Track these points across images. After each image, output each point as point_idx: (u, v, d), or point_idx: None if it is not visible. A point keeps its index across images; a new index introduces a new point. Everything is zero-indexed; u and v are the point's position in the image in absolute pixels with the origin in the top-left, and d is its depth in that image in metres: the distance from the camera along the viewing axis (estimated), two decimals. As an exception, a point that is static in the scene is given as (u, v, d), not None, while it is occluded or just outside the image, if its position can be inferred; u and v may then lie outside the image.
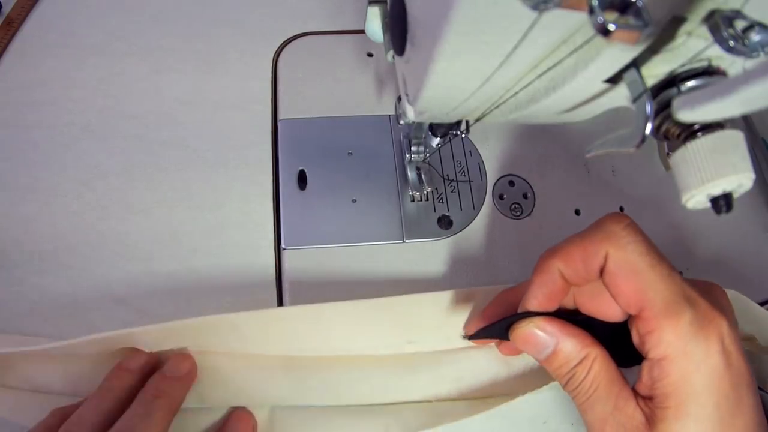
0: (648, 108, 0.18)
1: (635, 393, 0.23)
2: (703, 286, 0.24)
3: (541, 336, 0.24)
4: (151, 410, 0.26)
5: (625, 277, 0.22)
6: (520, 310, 0.25)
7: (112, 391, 0.26)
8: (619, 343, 0.24)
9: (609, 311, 0.24)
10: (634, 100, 0.18)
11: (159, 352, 0.28)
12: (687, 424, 0.21)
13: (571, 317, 0.25)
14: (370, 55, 0.40)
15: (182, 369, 0.28)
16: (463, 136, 0.29)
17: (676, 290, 0.22)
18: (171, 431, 0.26)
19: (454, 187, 0.36)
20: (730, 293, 0.28)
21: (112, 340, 0.27)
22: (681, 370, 0.21)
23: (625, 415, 0.22)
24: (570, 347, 0.24)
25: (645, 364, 0.22)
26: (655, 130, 0.19)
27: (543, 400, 0.30)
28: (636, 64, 0.18)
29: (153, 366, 0.28)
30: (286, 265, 0.33)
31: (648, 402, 0.22)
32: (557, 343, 0.24)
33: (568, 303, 0.26)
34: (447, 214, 0.35)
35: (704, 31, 0.17)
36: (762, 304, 0.33)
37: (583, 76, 0.19)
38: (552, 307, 0.25)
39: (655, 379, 0.22)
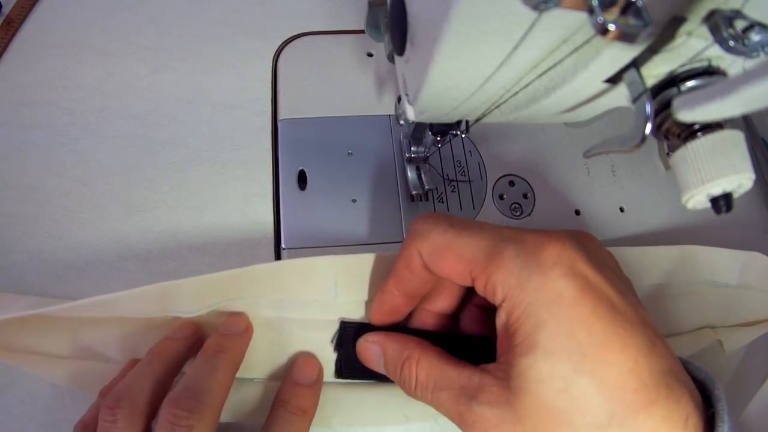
0: (648, 108, 0.18)
1: (484, 367, 0.22)
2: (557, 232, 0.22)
3: (371, 347, 0.26)
4: (215, 365, 0.25)
5: (439, 257, 0.22)
6: (371, 321, 0.27)
7: (160, 356, 0.26)
8: None
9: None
10: (634, 100, 0.18)
11: (204, 325, 0.28)
12: (536, 358, 0.19)
13: (456, 335, 0.27)
14: (370, 55, 0.40)
15: (240, 326, 0.27)
16: (463, 136, 0.29)
17: (491, 237, 0.21)
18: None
19: (454, 187, 0.36)
20: (678, 247, 0.29)
21: (150, 293, 0.27)
22: (521, 303, 0.20)
23: (472, 388, 0.21)
24: (392, 352, 0.25)
25: (496, 317, 0.21)
26: (655, 130, 0.19)
27: None
28: (636, 64, 0.18)
29: (200, 337, 0.28)
30: (286, 265, 0.33)
31: (503, 356, 0.21)
32: (384, 352, 0.25)
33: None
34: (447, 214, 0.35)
35: (704, 31, 0.17)
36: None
37: (583, 76, 0.19)
38: (394, 321, 0.27)
39: (505, 325, 0.21)
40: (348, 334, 0.28)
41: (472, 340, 0.26)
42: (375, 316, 0.27)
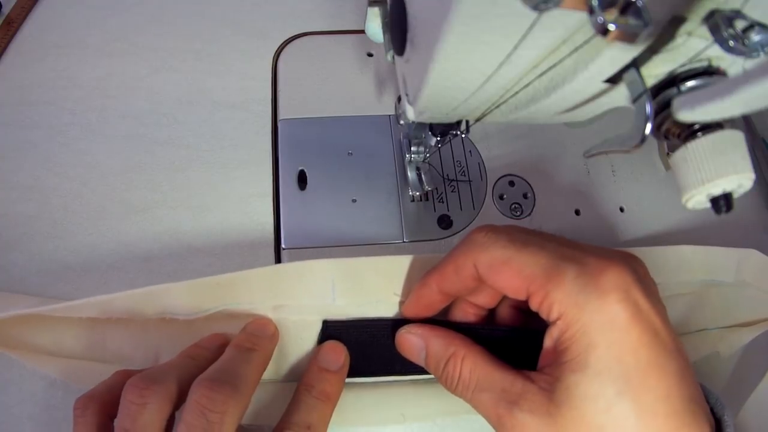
0: (648, 108, 0.18)
1: (527, 373, 0.22)
2: (609, 252, 0.23)
3: (413, 339, 0.26)
4: (249, 357, 0.25)
5: (498, 271, 0.23)
6: (404, 312, 0.28)
7: (191, 358, 0.26)
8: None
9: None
10: (634, 100, 0.18)
11: (201, 328, 0.28)
12: (584, 376, 0.20)
13: (493, 329, 0.27)
14: (370, 55, 0.40)
15: (269, 329, 0.27)
16: (463, 136, 0.29)
17: (553, 256, 0.22)
18: None
19: (454, 187, 0.36)
20: (672, 248, 0.29)
21: (147, 295, 0.26)
22: (576, 323, 0.21)
23: (515, 393, 0.22)
24: (437, 347, 0.25)
25: (546, 332, 0.22)
26: (655, 130, 0.19)
27: None
28: (636, 64, 0.18)
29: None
30: (286, 265, 0.33)
31: (548, 368, 0.22)
32: (427, 345, 0.25)
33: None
34: (447, 214, 0.35)
35: (704, 31, 0.17)
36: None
37: (583, 76, 0.19)
38: (426, 316, 0.27)
39: (556, 341, 0.21)
40: (333, 334, 0.28)
41: (506, 332, 0.26)
42: (409, 308, 0.27)
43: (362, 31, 0.29)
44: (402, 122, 0.30)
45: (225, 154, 0.36)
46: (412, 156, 0.34)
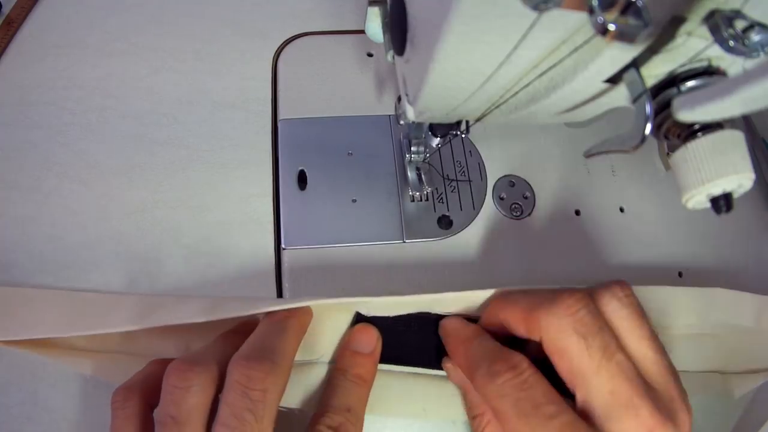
0: (648, 108, 0.18)
1: None
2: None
3: (455, 376, 0.27)
4: (284, 326, 0.25)
5: (559, 360, 0.22)
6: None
7: (228, 339, 0.26)
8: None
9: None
10: (634, 101, 0.18)
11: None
12: None
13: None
14: (370, 55, 0.40)
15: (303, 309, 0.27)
16: (463, 136, 0.29)
17: (617, 400, 0.21)
18: None
19: (454, 187, 0.36)
20: (699, 290, 0.29)
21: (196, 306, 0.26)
22: None
23: None
24: (471, 400, 0.26)
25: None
26: (655, 130, 0.19)
27: None
28: (636, 64, 0.18)
29: None
30: (286, 265, 0.33)
31: None
32: (464, 391, 0.26)
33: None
34: (447, 214, 0.35)
35: (704, 31, 0.17)
36: None
37: (583, 76, 0.19)
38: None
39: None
40: (367, 318, 0.28)
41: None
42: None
43: (362, 31, 0.29)
44: (402, 122, 0.30)
45: (225, 154, 0.36)
46: (412, 156, 0.34)
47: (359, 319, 0.29)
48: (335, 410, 0.25)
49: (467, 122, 0.28)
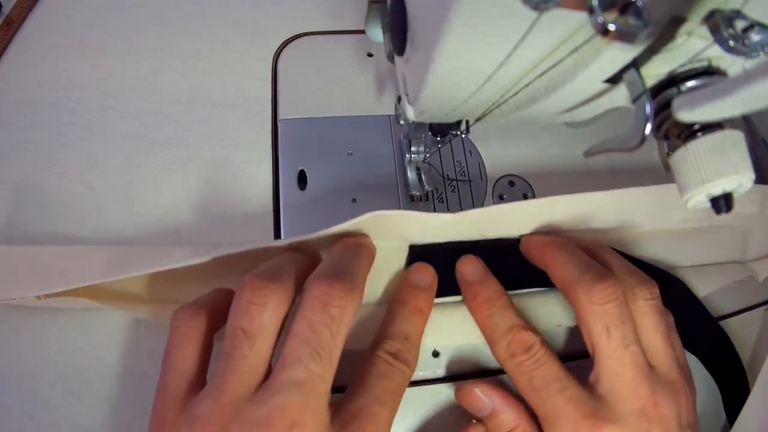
0: (648, 108, 0.18)
1: None
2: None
3: (483, 399, 0.27)
4: (359, 252, 0.26)
5: (584, 334, 0.26)
6: None
7: (300, 253, 0.26)
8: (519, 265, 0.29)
9: None
10: (634, 101, 0.18)
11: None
12: None
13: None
14: (370, 55, 0.40)
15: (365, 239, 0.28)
16: (463, 136, 0.29)
17: (621, 381, 0.24)
18: None
19: (454, 187, 0.36)
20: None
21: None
22: None
23: None
24: (505, 416, 0.26)
25: None
26: (655, 130, 0.19)
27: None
28: (636, 64, 0.18)
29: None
30: (286, 265, 0.33)
31: None
32: (495, 409, 0.26)
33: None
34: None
35: (704, 31, 0.17)
36: (762, 304, 0.34)
37: (583, 76, 0.19)
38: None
39: None
40: (421, 257, 0.29)
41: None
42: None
43: (362, 31, 0.29)
44: (402, 122, 0.30)
45: (225, 154, 0.36)
46: (412, 156, 0.34)
47: (413, 259, 0.29)
48: (393, 337, 0.25)
49: (467, 122, 0.28)
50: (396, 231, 0.28)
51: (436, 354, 0.30)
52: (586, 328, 0.25)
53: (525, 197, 0.36)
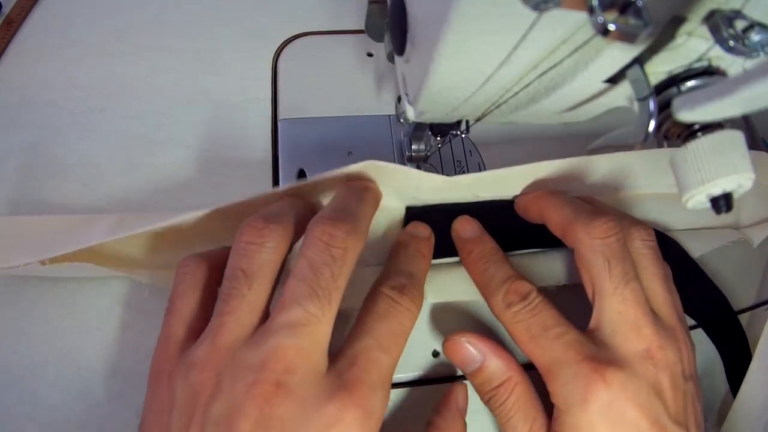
0: (652, 104, 0.18)
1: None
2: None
3: (470, 351, 0.26)
4: (363, 197, 0.25)
5: (584, 273, 0.25)
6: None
7: (298, 199, 0.26)
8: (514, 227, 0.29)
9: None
10: (639, 99, 0.18)
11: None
12: None
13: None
14: (370, 55, 0.40)
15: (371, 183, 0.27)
16: (463, 136, 0.29)
17: (554, 355, 0.24)
18: None
19: (454, 187, 0.36)
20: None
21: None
22: (562, 422, 0.23)
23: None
24: (495, 367, 0.25)
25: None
26: (656, 130, 0.19)
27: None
28: (640, 61, 0.18)
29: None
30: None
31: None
32: (483, 361, 0.25)
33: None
34: (447, 214, 0.35)
35: (704, 31, 0.17)
36: (760, 305, 0.33)
37: (583, 76, 0.19)
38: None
39: (554, 421, 0.24)
40: (417, 218, 0.29)
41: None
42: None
43: (362, 31, 0.29)
44: (402, 122, 0.30)
45: (225, 154, 0.36)
46: (412, 156, 0.34)
47: (410, 212, 0.29)
48: (398, 273, 0.25)
49: (467, 122, 0.28)
50: (390, 183, 0.27)
51: (436, 354, 0.30)
52: (587, 265, 0.25)
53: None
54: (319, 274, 0.21)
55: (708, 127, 0.19)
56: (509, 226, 0.29)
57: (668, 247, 0.30)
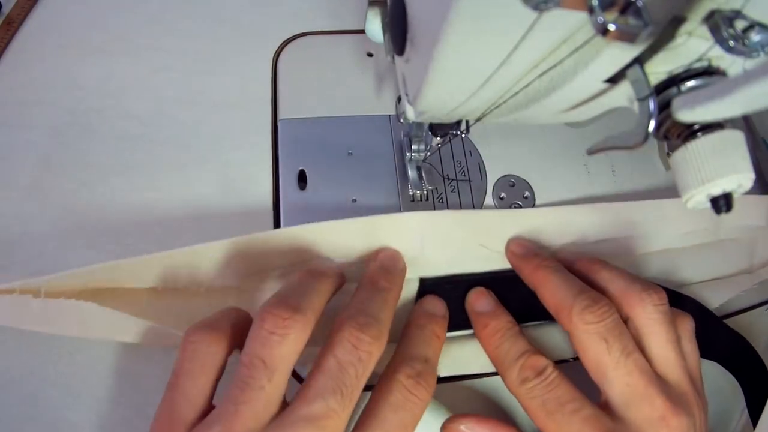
0: (652, 105, 0.18)
1: None
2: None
3: None
4: (387, 299, 0.26)
5: (584, 355, 0.25)
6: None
7: (323, 275, 0.26)
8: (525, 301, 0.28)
9: None
10: (639, 99, 0.18)
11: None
12: None
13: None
14: (370, 55, 0.40)
15: (400, 263, 0.28)
16: (463, 136, 0.29)
17: (633, 391, 0.24)
18: None
19: (454, 186, 0.36)
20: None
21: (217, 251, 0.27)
22: None
23: None
24: None
25: None
26: (656, 130, 0.19)
27: None
28: (640, 61, 0.18)
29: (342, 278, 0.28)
30: (286, 265, 0.33)
31: None
32: None
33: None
34: (447, 214, 0.35)
35: (704, 31, 0.17)
36: (761, 304, 0.34)
37: (584, 76, 0.19)
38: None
39: None
40: (431, 291, 0.30)
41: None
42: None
43: (362, 31, 0.29)
44: (402, 121, 0.30)
45: (225, 154, 0.36)
46: (412, 156, 0.34)
47: (424, 284, 0.30)
48: (414, 359, 0.25)
49: (467, 122, 0.28)
50: (394, 236, 0.28)
51: None
52: (584, 348, 0.25)
53: (525, 197, 0.36)
54: (346, 372, 0.22)
55: (708, 127, 0.19)
56: (524, 299, 0.29)
57: (684, 305, 0.30)
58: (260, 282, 0.29)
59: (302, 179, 0.35)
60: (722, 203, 0.19)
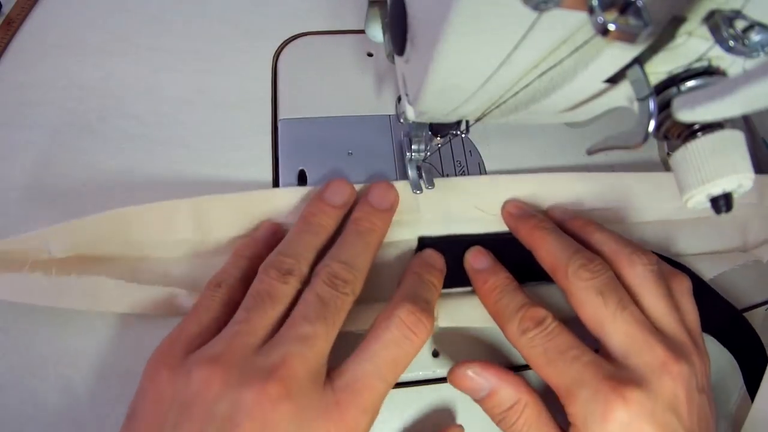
0: (651, 105, 0.18)
1: None
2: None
3: (477, 380, 0.26)
4: (368, 243, 0.28)
5: (581, 311, 0.26)
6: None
7: (321, 228, 0.28)
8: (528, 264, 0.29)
9: None
10: (639, 99, 0.18)
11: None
12: None
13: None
14: (370, 55, 0.40)
15: (389, 199, 0.30)
16: (463, 136, 0.29)
17: (572, 377, 0.24)
18: None
19: (454, 187, 0.36)
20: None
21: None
22: None
23: None
24: (504, 393, 0.26)
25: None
26: (656, 130, 0.19)
27: None
28: (640, 61, 0.18)
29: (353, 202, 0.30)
30: (286, 265, 0.33)
31: None
32: (492, 388, 0.26)
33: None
34: (447, 214, 0.35)
35: (704, 31, 0.17)
36: (762, 304, 0.34)
37: (584, 76, 0.19)
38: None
39: None
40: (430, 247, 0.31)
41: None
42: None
43: (362, 31, 0.29)
44: (402, 121, 0.30)
45: (225, 154, 0.36)
46: (412, 156, 0.34)
47: (423, 242, 0.31)
48: (415, 298, 0.26)
49: (467, 122, 0.28)
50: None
51: (435, 354, 0.30)
52: (581, 303, 0.25)
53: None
54: (326, 305, 0.24)
55: (708, 127, 0.19)
56: (520, 258, 0.29)
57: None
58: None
59: (302, 179, 0.35)
60: (722, 203, 0.19)
